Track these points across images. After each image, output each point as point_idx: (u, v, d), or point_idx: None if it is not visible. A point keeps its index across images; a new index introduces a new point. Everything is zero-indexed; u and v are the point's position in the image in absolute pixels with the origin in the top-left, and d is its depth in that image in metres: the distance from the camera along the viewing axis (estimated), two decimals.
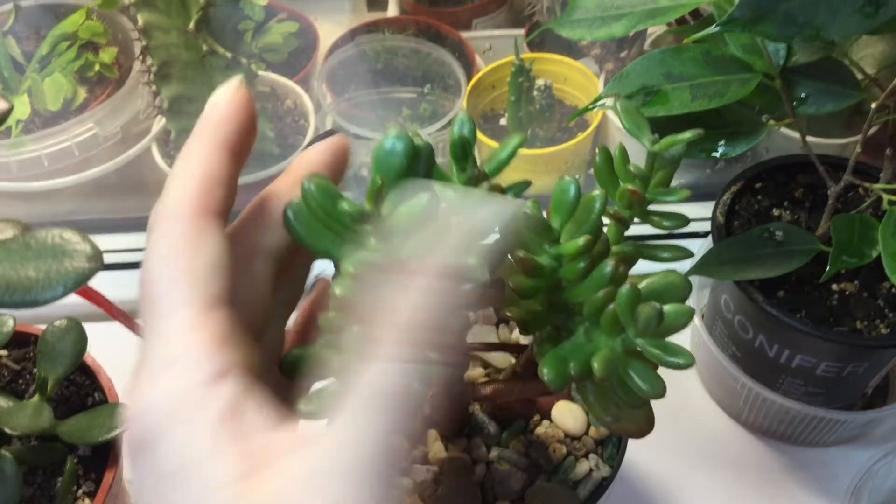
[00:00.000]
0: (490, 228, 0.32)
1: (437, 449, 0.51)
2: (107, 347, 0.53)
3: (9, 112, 0.34)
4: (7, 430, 0.45)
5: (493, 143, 0.78)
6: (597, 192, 0.38)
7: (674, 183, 0.44)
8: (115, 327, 0.69)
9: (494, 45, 0.94)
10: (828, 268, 0.49)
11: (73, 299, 0.51)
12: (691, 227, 0.42)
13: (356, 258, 0.31)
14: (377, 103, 0.81)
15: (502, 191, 0.38)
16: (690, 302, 0.62)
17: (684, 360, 0.33)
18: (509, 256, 0.38)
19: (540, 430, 0.52)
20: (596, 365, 0.35)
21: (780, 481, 0.62)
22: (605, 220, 0.42)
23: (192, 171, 0.30)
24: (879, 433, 0.62)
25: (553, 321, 0.40)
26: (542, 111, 0.79)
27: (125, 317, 0.47)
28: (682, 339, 0.69)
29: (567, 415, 0.52)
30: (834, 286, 0.55)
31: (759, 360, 0.57)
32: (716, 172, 0.77)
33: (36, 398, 0.48)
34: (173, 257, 0.28)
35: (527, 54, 0.83)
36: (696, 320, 0.63)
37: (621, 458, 0.50)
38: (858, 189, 0.59)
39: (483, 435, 0.52)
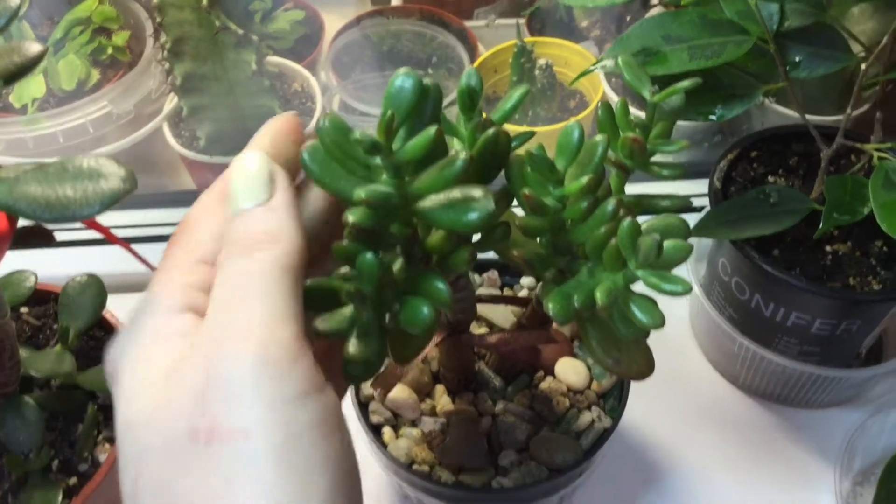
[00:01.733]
0: None
1: (444, 402, 0.53)
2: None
3: (43, 54, 0.36)
4: (31, 373, 0.47)
5: None
6: (599, 137, 0.40)
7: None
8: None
9: (496, 35, 0.96)
10: (821, 225, 0.51)
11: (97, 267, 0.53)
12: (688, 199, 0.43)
13: (369, 188, 0.33)
14: (382, 86, 0.83)
15: (508, 137, 0.40)
16: (688, 273, 0.65)
17: (682, 287, 0.35)
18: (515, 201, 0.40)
19: (544, 384, 0.54)
20: (599, 295, 0.36)
21: (776, 441, 0.63)
22: (608, 171, 0.44)
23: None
24: (873, 394, 0.64)
25: (557, 265, 0.42)
26: (544, 90, 0.81)
27: (126, 246, 0.49)
28: (680, 305, 0.72)
29: (570, 370, 0.54)
30: (827, 247, 0.57)
31: (756, 321, 0.59)
32: (713, 147, 0.79)
33: (58, 347, 0.50)
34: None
35: (528, 38, 0.86)
36: (695, 287, 0.65)
37: (622, 409, 0.52)
38: (850, 157, 0.61)
39: (489, 389, 0.53)
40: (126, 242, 0.48)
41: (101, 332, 0.54)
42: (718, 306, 0.63)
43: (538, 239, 0.42)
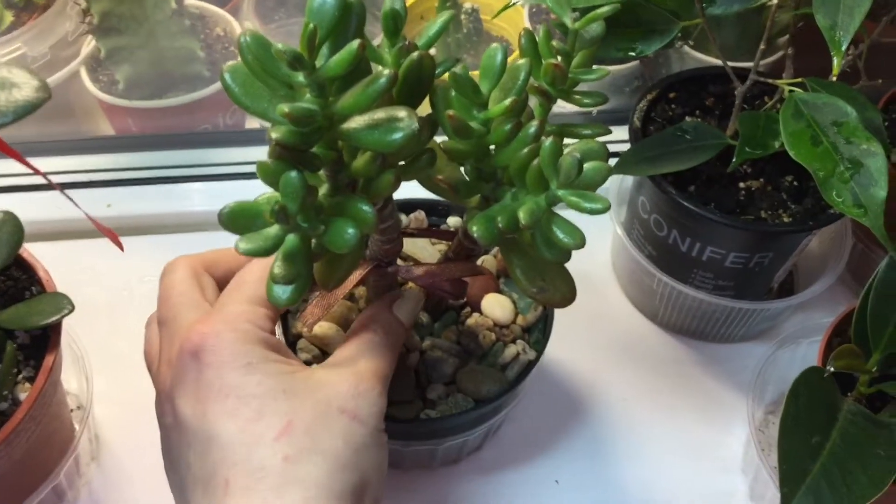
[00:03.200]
0: None
1: None
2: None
3: None
4: None
5: None
6: (522, 61, 0.40)
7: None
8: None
9: None
10: (734, 158, 0.53)
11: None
12: (610, 148, 0.44)
13: (292, 104, 0.33)
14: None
15: (432, 61, 0.40)
16: (610, 216, 0.66)
17: (601, 205, 0.36)
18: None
19: (470, 321, 0.55)
20: (521, 215, 0.37)
21: (692, 375, 0.66)
22: (532, 101, 0.45)
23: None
24: (785, 328, 0.67)
25: (482, 191, 0.43)
26: (469, 36, 0.81)
27: (42, 174, 0.48)
28: (602, 248, 0.73)
29: (495, 306, 0.55)
30: (741, 184, 0.59)
31: (673, 257, 0.61)
32: (633, 93, 0.80)
33: None
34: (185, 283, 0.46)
35: None
36: (616, 228, 0.66)
37: (546, 342, 0.53)
38: (764, 98, 0.63)
39: (417, 326, 0.54)
40: (52, 181, 0.47)
41: (18, 272, 0.53)
42: (638, 245, 0.64)
43: (463, 166, 0.43)
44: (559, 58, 0.43)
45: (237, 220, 0.36)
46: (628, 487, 0.60)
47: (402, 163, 0.41)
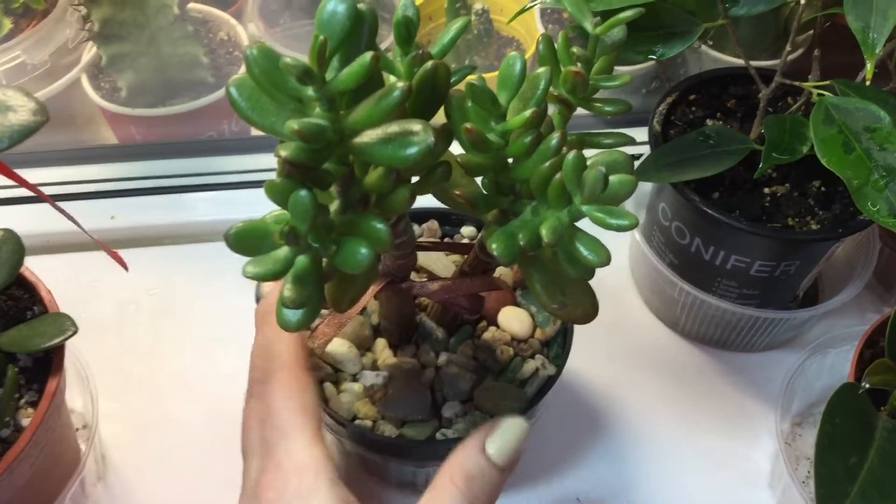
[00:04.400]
0: None
1: (386, 356, 0.52)
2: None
3: None
4: None
5: None
6: (542, 69, 0.38)
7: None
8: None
9: None
10: (761, 164, 0.51)
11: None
12: (627, 150, 0.42)
13: (302, 120, 0.31)
14: (311, 34, 0.80)
15: (447, 70, 0.38)
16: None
17: (628, 222, 0.34)
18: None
19: (487, 335, 0.53)
20: (544, 232, 0.35)
21: (716, 385, 0.64)
22: (550, 109, 0.43)
23: (290, 338, 0.43)
24: (810, 337, 0.65)
25: (500, 205, 0.41)
26: (480, 37, 0.79)
27: (37, 190, 0.46)
28: (621, 254, 0.72)
29: (513, 319, 0.53)
30: (766, 189, 0.57)
31: (696, 265, 0.59)
32: (650, 94, 0.78)
33: None
34: (292, 397, 0.41)
35: None
36: (636, 234, 0.65)
37: (566, 356, 0.51)
38: (787, 99, 0.61)
39: (431, 341, 0.52)
40: (47, 196, 0.46)
41: (20, 291, 0.51)
42: (658, 252, 0.62)
43: (480, 179, 0.41)
44: (579, 64, 0.41)
45: (244, 241, 0.34)
46: (651, 502, 0.58)
47: (416, 178, 0.39)
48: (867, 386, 0.45)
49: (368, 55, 0.31)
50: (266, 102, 0.34)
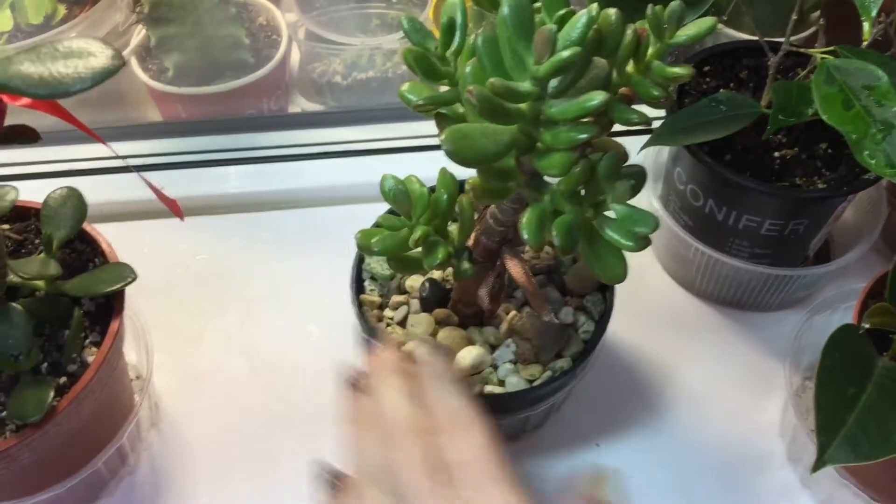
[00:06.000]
0: None
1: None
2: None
3: None
4: (18, 276, 0.48)
5: None
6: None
7: None
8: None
9: None
10: (769, 126, 0.54)
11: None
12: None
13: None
14: (347, 17, 0.85)
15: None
16: (647, 192, 0.67)
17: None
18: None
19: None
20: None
21: (730, 342, 0.67)
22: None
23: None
24: (821, 297, 0.67)
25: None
26: None
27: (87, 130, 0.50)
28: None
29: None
30: (776, 153, 0.60)
31: (710, 226, 0.62)
32: None
33: (42, 255, 0.52)
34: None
35: None
36: (653, 202, 0.68)
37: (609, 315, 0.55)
38: (797, 70, 0.64)
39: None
40: (131, 166, 0.50)
41: (82, 245, 0.56)
42: (675, 216, 0.66)
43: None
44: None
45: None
46: (669, 452, 0.61)
47: None
48: (867, 326, 0.49)
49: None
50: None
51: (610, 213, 0.41)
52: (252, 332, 0.68)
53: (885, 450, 0.44)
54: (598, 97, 0.36)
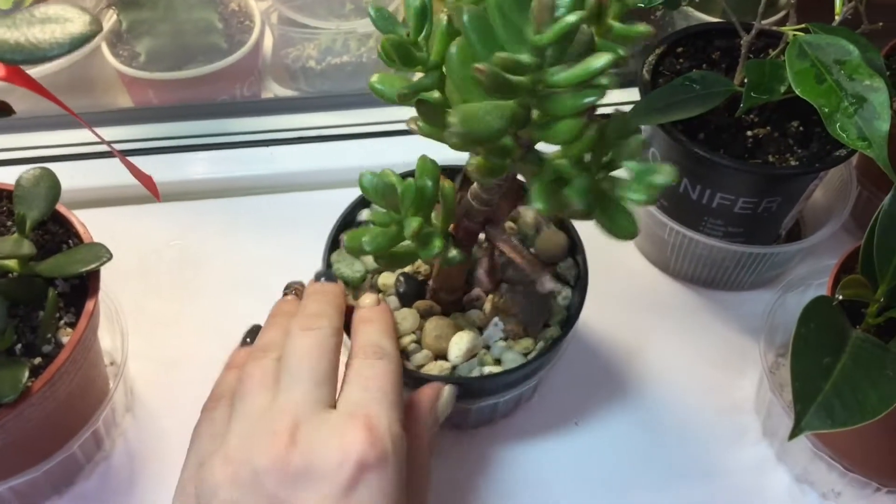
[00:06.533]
0: None
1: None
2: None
3: None
4: None
5: None
6: None
7: None
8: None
9: None
10: (742, 104, 0.55)
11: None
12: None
13: None
14: (320, 1, 0.84)
15: None
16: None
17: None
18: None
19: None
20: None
21: (705, 322, 0.68)
22: None
23: None
24: (794, 275, 0.68)
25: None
26: None
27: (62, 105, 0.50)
28: None
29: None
30: (748, 132, 0.61)
31: (684, 205, 0.63)
32: (638, 55, 0.82)
33: (15, 235, 0.51)
34: None
35: None
36: None
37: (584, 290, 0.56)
38: (768, 51, 0.65)
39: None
40: (116, 150, 0.49)
41: (56, 227, 0.55)
42: None
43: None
44: None
45: None
46: (647, 430, 0.61)
47: None
48: (840, 297, 0.49)
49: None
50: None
51: (621, 172, 0.41)
52: (226, 318, 0.67)
53: (860, 417, 0.44)
54: (602, 58, 0.36)
